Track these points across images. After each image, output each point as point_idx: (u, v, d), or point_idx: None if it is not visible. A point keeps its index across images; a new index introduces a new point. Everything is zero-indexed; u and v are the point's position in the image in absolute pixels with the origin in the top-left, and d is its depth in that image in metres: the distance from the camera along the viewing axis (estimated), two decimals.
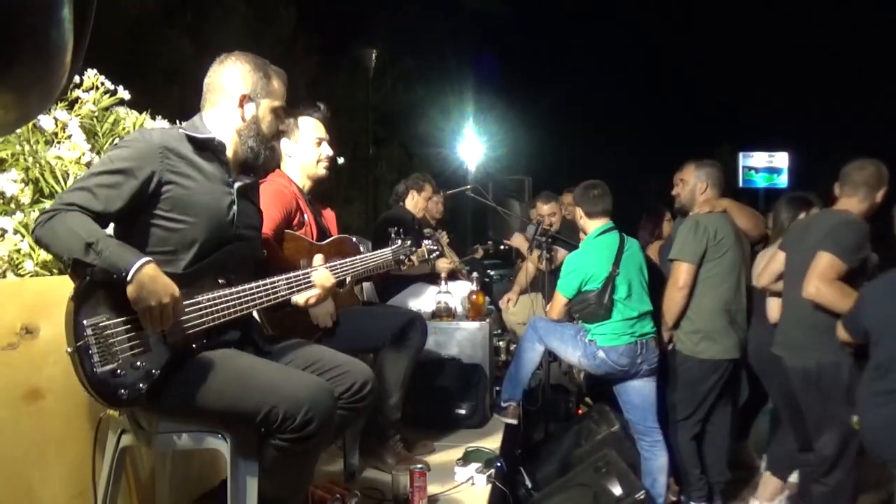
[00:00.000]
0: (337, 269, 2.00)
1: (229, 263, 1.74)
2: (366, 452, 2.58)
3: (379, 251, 2.37)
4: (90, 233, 1.48)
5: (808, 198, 3.38)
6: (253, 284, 1.73)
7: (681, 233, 3.26)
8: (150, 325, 1.51)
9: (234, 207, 1.77)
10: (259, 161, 1.84)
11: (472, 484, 2.47)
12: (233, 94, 1.79)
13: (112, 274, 1.46)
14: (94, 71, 2.34)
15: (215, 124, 1.80)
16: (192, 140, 1.73)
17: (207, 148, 1.75)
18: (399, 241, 2.44)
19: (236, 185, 1.79)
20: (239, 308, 1.69)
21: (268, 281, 1.77)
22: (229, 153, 1.80)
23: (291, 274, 1.84)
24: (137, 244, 1.60)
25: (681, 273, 3.17)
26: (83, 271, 1.48)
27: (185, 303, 1.58)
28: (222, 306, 1.66)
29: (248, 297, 1.71)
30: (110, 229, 1.67)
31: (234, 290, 1.69)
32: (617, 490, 2.81)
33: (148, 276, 1.48)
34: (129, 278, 1.46)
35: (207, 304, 1.63)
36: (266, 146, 1.84)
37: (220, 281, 1.71)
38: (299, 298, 1.89)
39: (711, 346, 3.17)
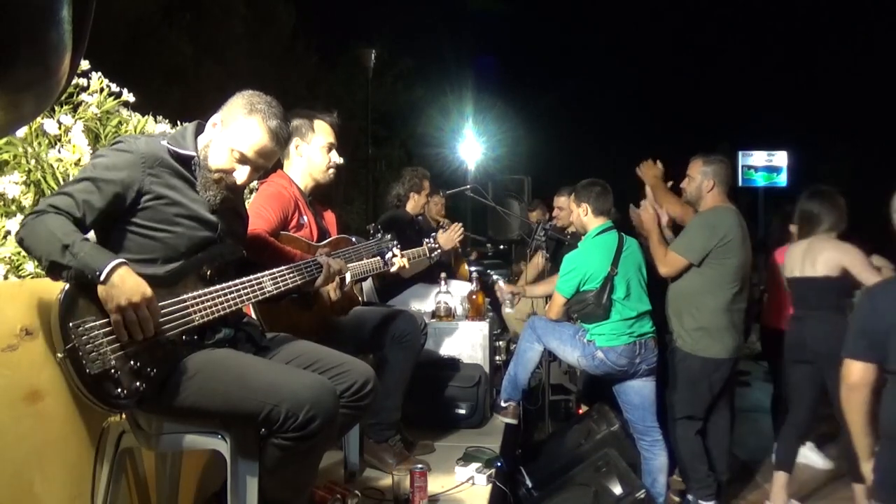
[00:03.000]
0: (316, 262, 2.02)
1: (210, 264, 1.74)
2: (366, 452, 2.59)
3: (361, 244, 2.41)
4: (67, 234, 1.48)
5: (832, 191, 3.35)
6: (237, 280, 1.73)
7: (692, 227, 3.25)
8: (123, 330, 1.49)
9: (215, 217, 1.77)
10: (207, 194, 1.76)
11: (473, 484, 2.47)
12: (213, 122, 1.77)
13: (87, 275, 1.47)
14: (99, 74, 2.35)
15: (203, 145, 1.78)
16: (174, 153, 1.73)
17: (187, 164, 1.75)
18: (378, 236, 2.47)
19: (219, 196, 1.78)
20: (226, 304, 1.69)
21: (252, 277, 1.77)
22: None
23: (276, 270, 1.85)
24: (120, 252, 1.60)
25: (673, 261, 3.21)
26: (60, 274, 1.49)
27: (169, 300, 1.58)
28: (209, 303, 1.66)
29: (234, 293, 1.71)
30: (91, 235, 1.67)
31: (218, 286, 1.70)
32: (617, 489, 2.81)
33: (119, 275, 1.48)
34: (101, 278, 1.46)
35: (192, 301, 1.63)
36: (209, 176, 1.74)
37: (203, 276, 1.72)
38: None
39: (713, 345, 3.16)
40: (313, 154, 2.53)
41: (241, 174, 1.76)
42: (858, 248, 3.15)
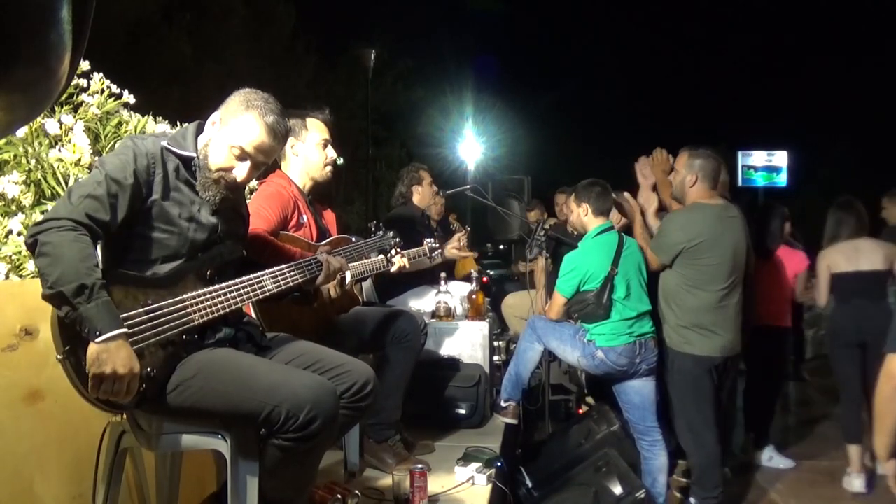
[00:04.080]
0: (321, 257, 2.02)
1: (210, 264, 1.74)
2: (366, 452, 2.59)
3: (362, 241, 2.40)
4: (89, 271, 1.44)
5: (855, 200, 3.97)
6: (238, 280, 1.73)
7: (664, 224, 3.24)
8: (96, 389, 1.45)
9: (215, 218, 1.77)
10: (207, 194, 1.76)
11: (473, 484, 2.47)
12: (213, 121, 1.76)
13: (84, 328, 1.43)
14: (101, 75, 2.35)
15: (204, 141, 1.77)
16: (175, 154, 1.73)
17: (187, 165, 1.75)
18: (380, 233, 2.46)
19: (218, 196, 1.78)
20: (226, 304, 1.69)
21: (252, 276, 1.77)
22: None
23: (276, 269, 1.84)
24: (121, 252, 1.60)
25: (651, 257, 3.23)
26: (58, 306, 1.44)
27: (169, 301, 1.58)
28: (209, 302, 1.66)
29: (235, 293, 1.71)
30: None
31: (218, 286, 1.70)
32: (617, 489, 2.81)
33: (115, 345, 1.44)
34: (97, 341, 1.42)
35: (192, 301, 1.63)
36: (209, 176, 1.74)
37: (202, 276, 1.72)
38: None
39: (700, 342, 3.12)
40: (309, 152, 2.53)
41: (241, 171, 1.75)
42: None
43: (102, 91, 2.37)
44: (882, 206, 4.62)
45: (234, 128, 1.73)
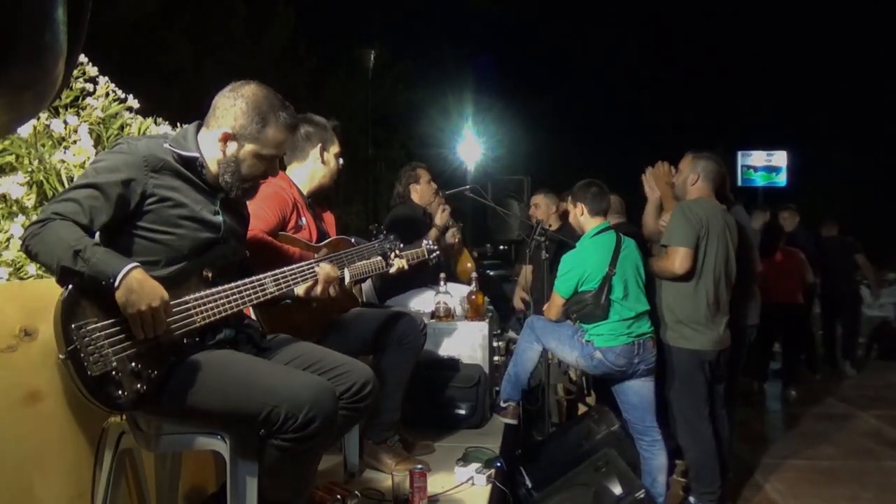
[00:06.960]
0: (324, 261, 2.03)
1: (213, 265, 1.75)
2: (365, 453, 2.59)
3: (364, 245, 2.40)
4: (78, 240, 1.48)
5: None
6: (240, 282, 1.73)
7: (672, 219, 3.23)
8: (141, 330, 1.51)
9: (219, 218, 1.77)
10: (231, 195, 1.80)
11: (473, 484, 2.47)
12: (220, 126, 1.75)
13: (100, 281, 1.47)
14: (106, 79, 2.36)
15: (205, 144, 1.77)
16: (177, 155, 1.72)
17: (191, 165, 1.74)
18: (382, 236, 2.47)
19: (220, 196, 1.78)
20: (228, 306, 1.69)
21: (254, 278, 1.77)
22: (212, 173, 1.78)
23: (278, 271, 1.84)
24: (124, 254, 1.60)
25: (677, 257, 3.08)
26: (72, 280, 1.48)
27: (172, 302, 1.58)
28: (211, 304, 1.66)
29: (237, 295, 1.72)
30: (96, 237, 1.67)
31: (220, 288, 1.70)
32: (617, 489, 2.81)
33: (136, 280, 1.48)
34: (116, 284, 1.47)
35: (195, 302, 1.63)
36: (242, 185, 1.79)
37: (205, 279, 1.72)
38: (299, 290, 1.94)
39: (692, 337, 3.15)
40: (331, 161, 2.63)
41: (272, 169, 1.86)
42: None
43: (107, 95, 2.37)
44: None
45: (259, 142, 1.76)
